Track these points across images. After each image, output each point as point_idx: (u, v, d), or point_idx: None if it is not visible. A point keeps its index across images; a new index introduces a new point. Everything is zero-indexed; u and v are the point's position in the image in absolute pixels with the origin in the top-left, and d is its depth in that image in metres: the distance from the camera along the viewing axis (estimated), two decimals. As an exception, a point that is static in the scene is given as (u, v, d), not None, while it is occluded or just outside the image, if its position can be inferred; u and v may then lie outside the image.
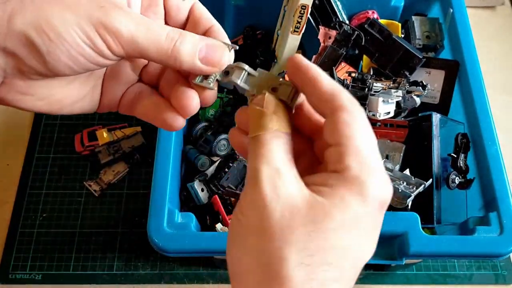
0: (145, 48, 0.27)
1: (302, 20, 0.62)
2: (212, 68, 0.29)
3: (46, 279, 0.62)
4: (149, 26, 0.27)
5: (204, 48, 0.29)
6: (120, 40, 0.26)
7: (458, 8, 0.67)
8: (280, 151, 0.26)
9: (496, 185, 0.53)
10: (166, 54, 0.28)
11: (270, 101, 0.28)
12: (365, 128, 0.26)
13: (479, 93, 0.59)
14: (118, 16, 0.26)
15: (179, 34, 0.28)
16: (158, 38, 0.27)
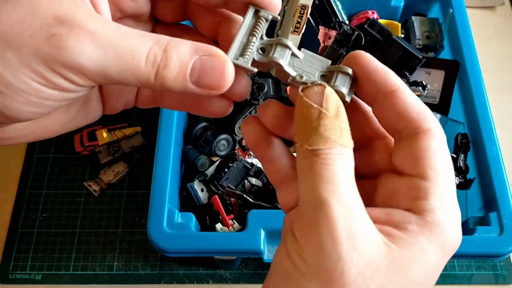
0: (119, 78, 0.21)
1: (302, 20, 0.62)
2: (211, 92, 0.23)
3: (46, 279, 0.62)
4: (120, 49, 0.21)
5: (198, 65, 0.22)
6: (86, 74, 0.21)
7: (458, 8, 0.67)
8: (350, 179, 0.21)
9: (496, 185, 0.53)
10: (148, 81, 0.22)
11: (334, 99, 0.21)
12: (449, 158, 0.22)
13: (479, 93, 0.59)
14: (75, 44, 0.20)
15: (163, 51, 0.21)
16: (135, 64, 0.21)
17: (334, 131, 0.21)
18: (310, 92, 0.22)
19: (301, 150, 0.21)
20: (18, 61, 0.20)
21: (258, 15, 0.25)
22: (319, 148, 0.20)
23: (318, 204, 0.20)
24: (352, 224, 0.19)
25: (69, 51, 0.20)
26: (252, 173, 0.59)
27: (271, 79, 0.59)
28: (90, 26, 0.21)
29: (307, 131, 0.21)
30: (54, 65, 0.20)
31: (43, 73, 0.20)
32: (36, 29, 0.20)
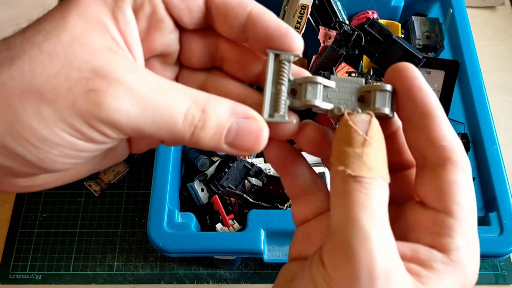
0: (154, 135, 0.21)
1: (302, 20, 0.62)
2: (243, 152, 0.23)
3: (46, 279, 0.62)
4: (158, 106, 0.21)
5: (234, 128, 0.22)
6: (121, 129, 0.21)
7: (458, 8, 0.67)
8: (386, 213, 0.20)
9: (496, 185, 0.53)
10: (182, 139, 0.22)
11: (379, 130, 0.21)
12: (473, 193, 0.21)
13: (479, 93, 0.59)
14: (113, 101, 0.20)
15: (201, 111, 0.21)
16: (172, 124, 0.21)
17: (377, 162, 0.20)
18: (356, 118, 0.21)
19: (341, 174, 0.20)
20: (54, 116, 0.19)
21: (280, 59, 0.24)
22: (362, 175, 0.20)
23: (359, 234, 0.19)
24: (390, 262, 0.19)
25: (106, 107, 0.20)
26: (252, 173, 0.59)
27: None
28: (128, 80, 0.20)
29: (350, 157, 0.20)
30: (91, 120, 0.20)
31: (79, 127, 0.20)
32: (72, 83, 0.20)
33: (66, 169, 0.23)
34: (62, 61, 0.20)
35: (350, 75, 0.61)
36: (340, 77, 0.24)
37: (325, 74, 0.60)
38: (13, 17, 0.82)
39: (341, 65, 0.65)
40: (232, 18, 0.24)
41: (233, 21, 0.24)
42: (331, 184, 0.21)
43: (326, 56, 0.63)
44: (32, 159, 0.20)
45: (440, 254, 0.20)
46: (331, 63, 0.63)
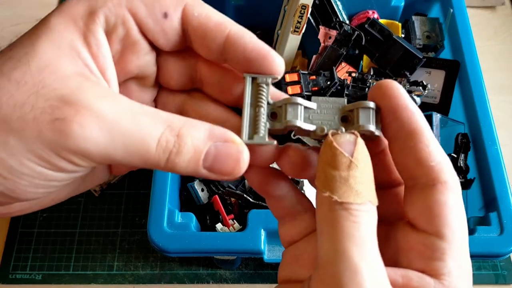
0: (125, 162, 0.20)
1: (302, 20, 0.62)
2: (223, 177, 0.22)
3: (46, 279, 0.62)
4: (129, 133, 0.20)
5: (212, 152, 0.21)
6: (91, 158, 0.20)
7: (458, 8, 0.67)
8: (375, 240, 0.19)
9: (496, 185, 0.53)
10: (157, 165, 0.21)
11: (365, 151, 0.20)
12: (464, 213, 0.21)
13: (479, 93, 0.59)
14: (80, 130, 0.19)
15: (176, 136, 0.20)
16: (144, 150, 0.20)
17: (364, 185, 0.19)
18: (341, 139, 0.20)
19: (327, 200, 0.19)
20: (21, 146, 0.19)
21: (257, 83, 0.23)
22: (350, 201, 0.19)
23: (349, 268, 0.18)
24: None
25: (73, 136, 0.19)
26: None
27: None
28: (97, 107, 0.20)
29: (336, 181, 0.19)
30: (58, 150, 0.19)
31: (47, 158, 0.19)
32: (38, 112, 0.19)
33: (40, 198, 0.22)
34: (29, 90, 0.19)
35: (350, 75, 0.61)
36: (322, 97, 0.23)
37: (325, 74, 0.60)
38: (13, 17, 0.82)
39: (341, 65, 0.65)
40: (210, 41, 0.23)
41: (211, 43, 0.23)
42: (317, 208, 0.20)
43: (326, 56, 0.63)
44: (2, 190, 0.20)
45: (433, 280, 0.20)
46: (331, 63, 0.63)
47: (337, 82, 0.59)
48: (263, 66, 0.23)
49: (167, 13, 0.23)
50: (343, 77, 0.63)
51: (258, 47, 0.23)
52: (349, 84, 0.60)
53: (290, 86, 0.58)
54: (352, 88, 0.59)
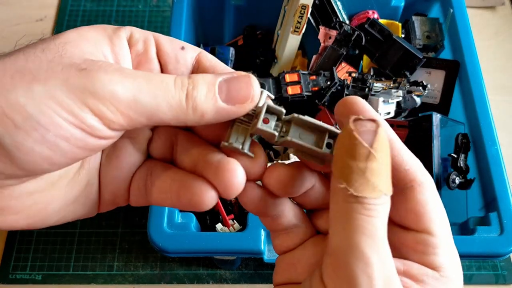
0: (153, 107, 0.21)
1: (302, 20, 0.62)
2: (243, 105, 0.22)
3: (46, 279, 0.62)
4: (149, 76, 0.21)
5: (223, 84, 0.22)
6: (119, 105, 0.20)
7: (458, 8, 0.67)
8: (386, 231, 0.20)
9: (496, 185, 0.53)
10: (180, 106, 0.21)
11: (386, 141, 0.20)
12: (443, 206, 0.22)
13: (479, 93, 0.59)
14: (106, 75, 0.20)
15: (188, 78, 0.22)
16: (165, 88, 0.21)
17: (380, 178, 0.19)
18: (362, 127, 0.19)
19: (342, 191, 0.19)
20: (45, 92, 0.19)
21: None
22: (365, 196, 0.19)
23: (361, 260, 0.18)
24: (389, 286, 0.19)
25: (100, 79, 0.20)
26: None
27: (271, 79, 0.59)
28: (117, 66, 0.21)
29: (352, 172, 0.19)
30: (84, 96, 0.19)
31: (70, 105, 0.19)
32: (66, 65, 0.20)
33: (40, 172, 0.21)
34: (54, 53, 0.20)
35: (350, 75, 0.61)
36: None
37: (325, 74, 0.60)
38: (13, 17, 0.82)
39: (341, 65, 0.65)
40: None
41: None
42: (332, 196, 0.20)
43: (326, 56, 0.63)
44: (7, 144, 0.18)
45: (430, 271, 0.21)
46: (331, 63, 0.63)
47: (337, 82, 0.59)
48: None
49: (185, 47, 0.25)
50: (343, 77, 0.63)
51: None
52: (349, 84, 0.60)
53: (290, 86, 0.58)
54: (352, 88, 0.59)
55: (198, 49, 0.26)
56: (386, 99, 0.59)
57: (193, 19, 0.67)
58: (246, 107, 0.22)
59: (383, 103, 0.59)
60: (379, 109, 0.58)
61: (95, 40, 0.23)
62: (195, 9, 0.68)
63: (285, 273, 0.26)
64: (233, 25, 0.73)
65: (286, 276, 0.26)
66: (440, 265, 0.21)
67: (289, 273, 0.25)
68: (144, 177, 0.25)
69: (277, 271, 0.26)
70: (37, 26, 0.82)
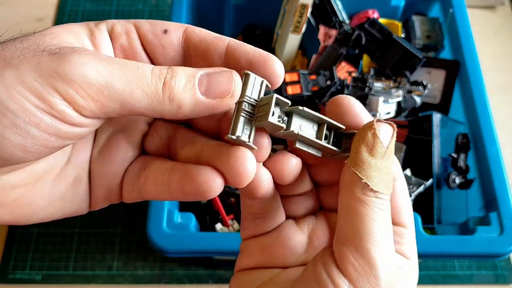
0: (126, 94, 0.20)
1: (302, 20, 0.62)
2: (224, 100, 0.22)
3: (46, 279, 0.62)
4: (124, 62, 0.20)
5: (204, 77, 0.22)
6: (89, 90, 0.19)
7: (458, 8, 0.67)
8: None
9: (496, 185, 0.53)
10: (156, 96, 0.20)
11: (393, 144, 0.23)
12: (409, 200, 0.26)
13: (479, 93, 0.59)
14: (79, 58, 0.19)
15: (167, 68, 0.21)
16: (141, 75, 0.20)
17: (389, 176, 0.22)
18: (382, 128, 0.22)
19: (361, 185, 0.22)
20: (14, 76, 0.18)
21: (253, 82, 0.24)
22: (382, 192, 0.22)
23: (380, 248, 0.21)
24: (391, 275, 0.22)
25: (71, 62, 0.19)
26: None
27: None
28: (93, 51, 0.21)
29: (371, 168, 0.22)
30: (54, 79, 0.19)
31: (39, 89, 0.19)
32: (39, 51, 0.19)
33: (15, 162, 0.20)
34: (31, 43, 0.20)
35: (350, 74, 0.61)
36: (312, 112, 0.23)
37: (325, 73, 0.60)
38: (12, 17, 0.82)
39: (341, 65, 0.65)
40: (212, 51, 0.24)
41: (214, 53, 0.24)
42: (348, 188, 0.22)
43: (326, 56, 0.63)
44: None
45: (403, 258, 0.24)
46: (331, 62, 0.63)
47: (337, 81, 0.59)
48: (266, 68, 0.24)
49: (168, 30, 0.24)
50: (343, 76, 0.63)
51: (259, 51, 0.24)
52: (349, 84, 0.60)
53: (290, 85, 0.58)
54: (352, 88, 0.59)
55: (183, 25, 0.24)
56: (386, 98, 0.59)
57: (192, 19, 0.67)
58: (226, 102, 0.22)
59: (383, 102, 0.58)
60: (379, 108, 0.58)
61: (75, 32, 0.22)
62: (194, 8, 0.68)
63: (255, 257, 0.27)
64: (233, 24, 0.73)
65: (256, 260, 0.27)
66: (408, 253, 0.24)
67: (261, 256, 0.27)
68: (137, 171, 0.24)
69: (246, 255, 0.28)
70: (36, 26, 0.82)
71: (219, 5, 0.71)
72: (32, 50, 0.19)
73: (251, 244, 0.27)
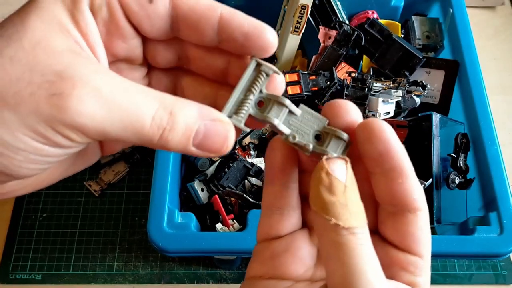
0: (120, 137, 0.21)
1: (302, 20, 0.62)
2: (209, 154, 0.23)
3: (46, 279, 0.62)
4: (125, 109, 0.20)
5: (202, 130, 0.22)
6: (87, 133, 0.20)
7: (458, 8, 0.67)
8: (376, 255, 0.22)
9: (496, 185, 0.53)
10: (149, 142, 0.21)
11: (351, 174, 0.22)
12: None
13: (479, 93, 0.59)
14: (77, 105, 0.19)
15: (169, 114, 0.21)
16: (139, 126, 0.21)
17: (359, 207, 0.21)
18: (334, 165, 0.22)
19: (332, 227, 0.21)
20: (17, 120, 0.19)
21: (259, 69, 0.24)
22: (353, 226, 0.21)
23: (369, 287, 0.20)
24: None
25: (70, 111, 0.19)
26: (252, 173, 0.59)
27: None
28: (93, 81, 0.20)
29: (337, 207, 0.21)
30: (55, 125, 0.19)
31: (43, 132, 0.20)
32: (35, 88, 0.19)
33: (33, 175, 0.22)
34: (24, 66, 0.20)
35: (350, 75, 0.61)
36: (308, 109, 0.24)
37: (325, 74, 0.60)
38: (13, 17, 0.82)
39: (341, 65, 0.65)
40: (204, 22, 0.23)
41: (206, 25, 0.23)
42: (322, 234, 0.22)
43: (326, 56, 0.63)
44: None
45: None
46: (331, 63, 0.63)
47: (337, 82, 0.59)
48: (261, 39, 0.23)
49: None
50: (343, 77, 0.63)
51: (253, 23, 0.23)
52: (348, 84, 0.60)
53: (290, 86, 0.59)
54: (351, 88, 0.59)
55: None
56: (386, 99, 0.59)
57: (193, 19, 0.67)
58: (213, 155, 0.23)
59: (382, 103, 0.59)
60: (379, 109, 0.58)
61: (60, 24, 0.21)
62: (195, 9, 0.68)
63: (266, 263, 0.26)
64: (233, 25, 0.73)
65: (267, 267, 0.26)
66: (422, 285, 0.23)
67: (271, 264, 0.26)
68: None
69: (257, 260, 0.27)
70: (37, 26, 0.82)
71: (219, 5, 0.71)
72: (27, 84, 0.19)
73: (264, 249, 0.27)
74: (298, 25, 0.63)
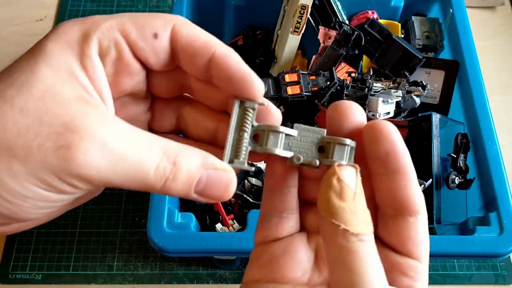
0: (124, 186, 0.22)
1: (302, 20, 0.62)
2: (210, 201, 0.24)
3: (46, 279, 0.62)
4: (129, 161, 0.21)
5: (204, 179, 0.23)
6: (91, 182, 0.21)
7: (458, 8, 0.67)
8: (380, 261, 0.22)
9: (496, 185, 0.53)
10: (152, 189, 0.22)
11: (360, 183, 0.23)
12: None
13: (479, 93, 0.59)
14: (84, 156, 0.20)
15: (172, 164, 0.22)
16: (143, 176, 0.22)
17: (366, 215, 0.22)
18: (345, 172, 0.22)
19: (341, 232, 0.21)
20: (26, 171, 0.20)
21: (244, 107, 0.25)
22: (362, 233, 0.21)
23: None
24: None
25: (77, 163, 0.20)
26: (252, 173, 0.59)
27: (271, 80, 0.59)
28: (100, 134, 0.21)
29: (346, 213, 0.21)
30: (62, 175, 0.20)
31: (50, 181, 0.20)
32: (43, 140, 0.20)
33: (38, 218, 0.23)
34: (32, 116, 0.20)
35: (350, 75, 0.61)
36: (303, 125, 0.24)
37: (325, 74, 0.60)
38: (13, 17, 0.82)
39: (341, 65, 0.65)
40: (197, 58, 0.24)
41: (198, 61, 0.24)
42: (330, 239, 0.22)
43: (326, 56, 0.63)
44: (5, 212, 0.21)
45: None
46: (331, 63, 0.63)
47: (337, 82, 0.59)
48: (244, 88, 0.24)
49: (157, 34, 0.24)
50: (343, 77, 0.63)
51: (240, 69, 0.24)
52: (348, 84, 0.60)
53: (289, 86, 0.59)
54: (351, 89, 0.59)
55: (170, 23, 0.24)
56: (386, 99, 0.59)
57: (192, 19, 0.67)
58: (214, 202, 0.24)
59: (382, 103, 0.59)
60: (379, 109, 0.58)
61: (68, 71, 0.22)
62: (194, 9, 0.68)
63: (265, 266, 0.26)
64: (233, 24, 0.73)
65: (265, 270, 0.26)
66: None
67: (269, 267, 0.26)
68: None
69: (255, 263, 0.27)
70: (37, 26, 0.82)
71: (219, 5, 0.71)
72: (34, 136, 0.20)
73: (262, 252, 0.27)
74: (298, 25, 0.63)
